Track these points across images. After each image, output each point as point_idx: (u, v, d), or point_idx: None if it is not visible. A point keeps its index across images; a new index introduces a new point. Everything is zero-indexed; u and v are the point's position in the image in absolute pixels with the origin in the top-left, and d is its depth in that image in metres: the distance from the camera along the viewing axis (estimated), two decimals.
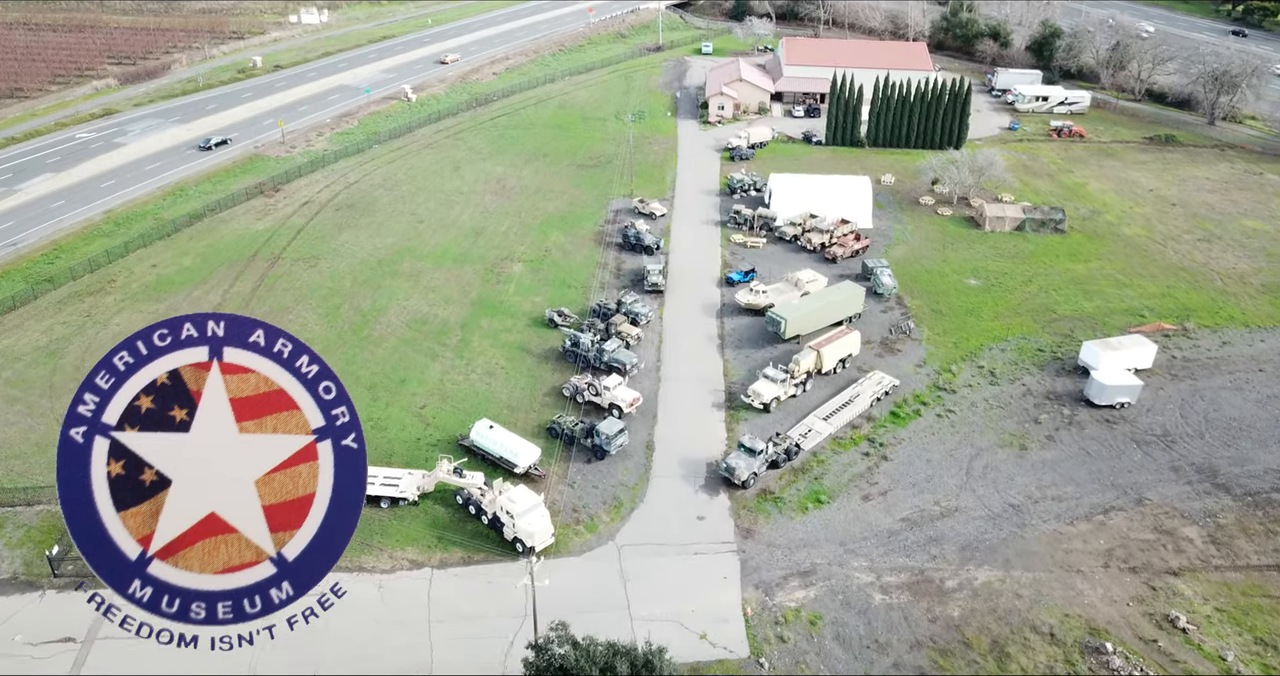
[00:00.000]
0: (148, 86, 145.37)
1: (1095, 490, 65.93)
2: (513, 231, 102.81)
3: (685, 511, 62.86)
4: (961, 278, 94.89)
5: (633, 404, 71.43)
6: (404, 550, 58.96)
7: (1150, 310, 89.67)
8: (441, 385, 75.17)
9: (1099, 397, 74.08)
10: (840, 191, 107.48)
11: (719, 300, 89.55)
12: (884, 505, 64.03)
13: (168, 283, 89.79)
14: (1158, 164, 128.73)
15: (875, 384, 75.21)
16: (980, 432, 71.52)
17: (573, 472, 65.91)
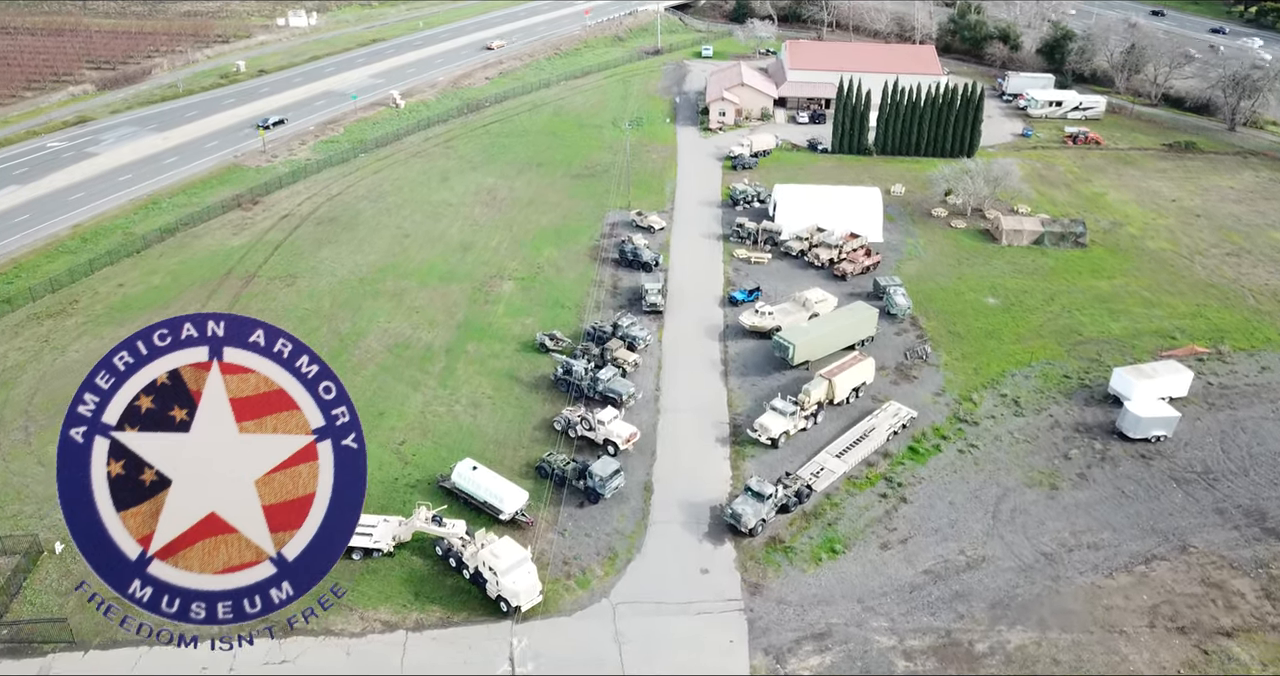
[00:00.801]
0: (126, 92, 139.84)
1: (1134, 536, 60.33)
2: (503, 246, 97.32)
3: (687, 563, 57.24)
4: (979, 296, 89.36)
5: (629, 440, 65.86)
6: (376, 610, 53.34)
7: (1181, 331, 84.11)
8: (423, 418, 69.56)
9: (1134, 431, 68.52)
10: (849, 203, 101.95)
11: (722, 321, 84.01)
12: (904, 554, 58.43)
13: (134, 303, 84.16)
14: (1179, 172, 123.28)
15: (891, 416, 69.65)
16: (1006, 470, 65.94)
17: (563, 518, 60.30)
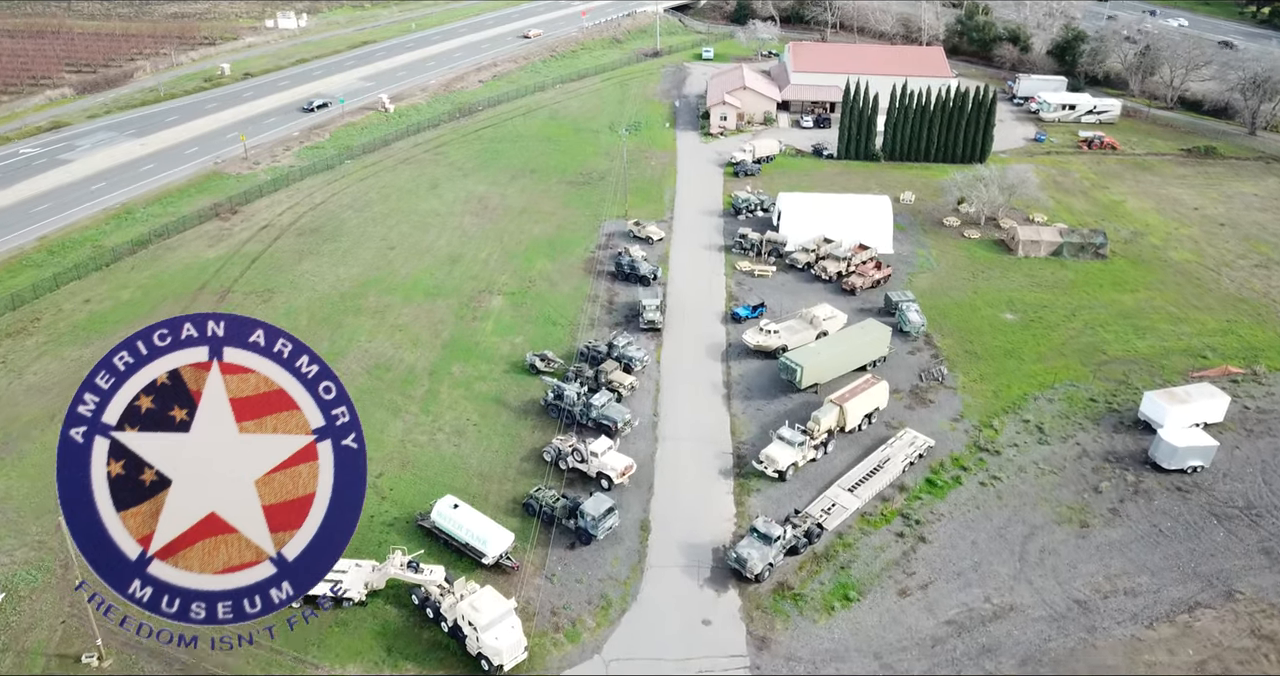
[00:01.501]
0: (105, 96, 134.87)
1: (1175, 580, 55.32)
2: (494, 258, 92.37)
3: (687, 613, 52.25)
4: (996, 312, 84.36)
5: (625, 473, 60.88)
6: (345, 667, 48.40)
7: (1212, 350, 79.12)
8: (402, 448, 64.59)
9: (1168, 461, 63.55)
10: (857, 212, 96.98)
11: (724, 340, 79.04)
12: (925, 602, 53.42)
13: (100, 321, 79.23)
14: (1199, 178, 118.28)
15: (907, 445, 64.67)
16: (1032, 506, 60.94)
17: (552, 562, 55.31)
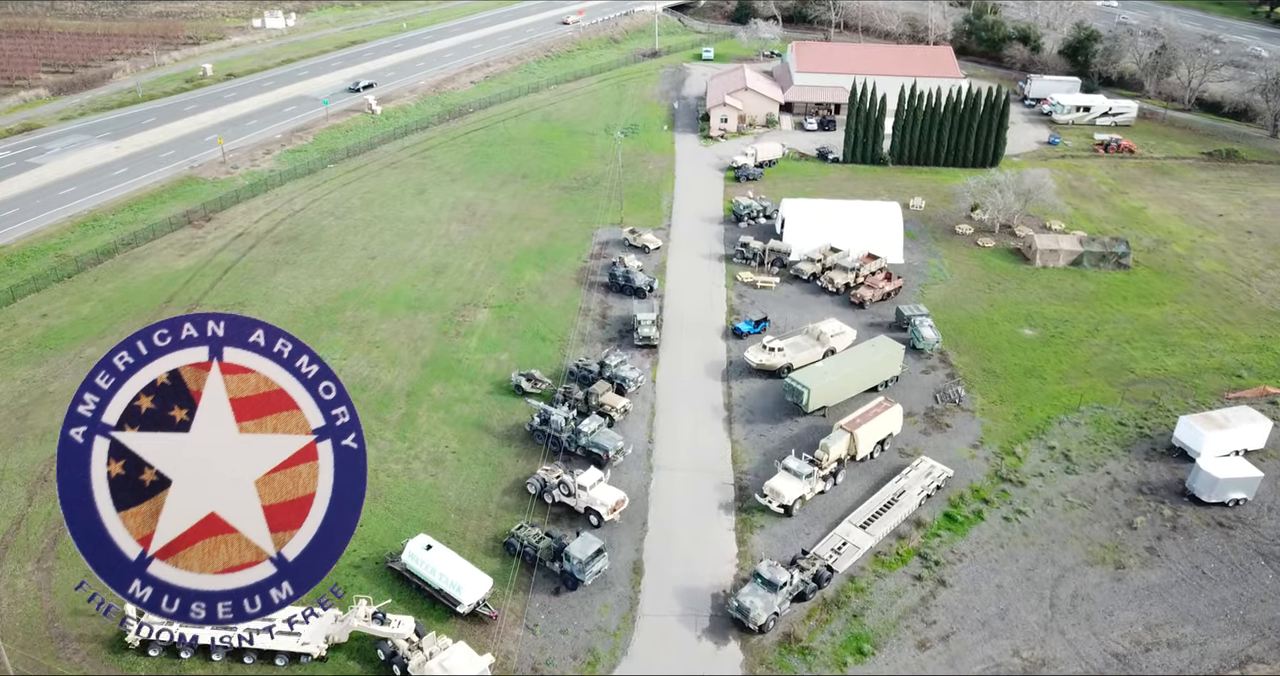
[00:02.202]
0: (81, 98, 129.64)
1: (1222, 630, 50.12)
2: (480, 269, 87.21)
3: (684, 670, 47.02)
4: (1015, 327, 79.17)
5: (615, 508, 55.68)
6: None
7: (1247, 368, 73.95)
8: (375, 478, 59.36)
9: (1208, 493, 58.38)
10: (865, 220, 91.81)
11: (724, 357, 73.85)
12: (947, 656, 48.20)
13: (56, 337, 74.06)
14: (1222, 183, 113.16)
15: (924, 475, 59.47)
16: (1062, 544, 55.71)
17: (534, 609, 50.08)
